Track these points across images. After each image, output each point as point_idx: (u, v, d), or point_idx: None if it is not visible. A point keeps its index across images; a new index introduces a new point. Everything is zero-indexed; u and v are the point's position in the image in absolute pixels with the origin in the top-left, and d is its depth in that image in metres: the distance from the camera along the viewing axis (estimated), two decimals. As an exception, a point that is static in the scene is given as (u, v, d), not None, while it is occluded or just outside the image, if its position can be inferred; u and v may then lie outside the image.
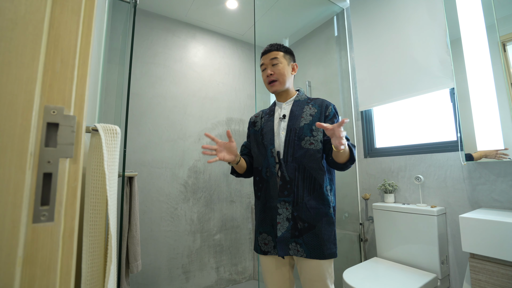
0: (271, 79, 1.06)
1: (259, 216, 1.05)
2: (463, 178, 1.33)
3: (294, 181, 0.97)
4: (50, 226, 0.34)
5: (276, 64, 1.05)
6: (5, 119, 0.32)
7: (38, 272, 0.33)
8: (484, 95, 1.21)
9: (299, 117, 1.03)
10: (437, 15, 1.43)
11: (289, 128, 1.02)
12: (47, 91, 0.36)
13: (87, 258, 0.44)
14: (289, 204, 0.97)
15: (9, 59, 0.33)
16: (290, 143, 1.00)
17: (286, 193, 0.97)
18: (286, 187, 0.97)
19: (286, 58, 1.08)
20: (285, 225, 0.96)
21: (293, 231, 0.96)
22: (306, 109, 1.05)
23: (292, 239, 0.95)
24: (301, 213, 0.95)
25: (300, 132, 1.00)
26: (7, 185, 0.31)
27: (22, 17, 0.34)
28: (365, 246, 1.76)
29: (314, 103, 1.06)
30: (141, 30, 1.99)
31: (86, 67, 0.40)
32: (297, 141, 0.99)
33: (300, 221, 0.95)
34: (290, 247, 0.95)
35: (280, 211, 0.97)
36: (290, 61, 1.10)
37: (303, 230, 0.95)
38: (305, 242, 0.94)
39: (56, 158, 0.35)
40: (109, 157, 0.47)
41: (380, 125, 1.84)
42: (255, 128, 1.14)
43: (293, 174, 0.98)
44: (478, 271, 0.99)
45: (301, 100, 1.08)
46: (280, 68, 1.05)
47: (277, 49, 1.07)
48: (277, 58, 1.06)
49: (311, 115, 1.03)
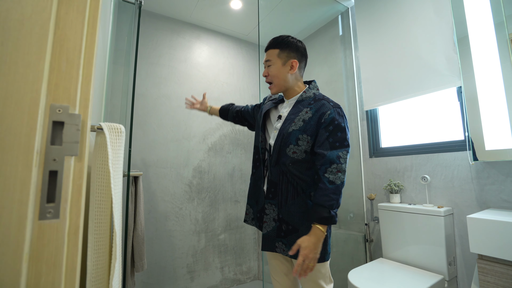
0: (267, 81, 1.04)
1: (249, 189, 1.11)
2: (471, 178, 1.31)
3: (278, 185, 0.98)
4: (56, 223, 0.34)
5: (270, 66, 1.01)
6: (12, 118, 0.33)
7: (44, 269, 0.33)
8: (492, 94, 1.18)
9: (292, 122, 0.97)
10: (444, 13, 1.41)
11: (280, 131, 0.99)
12: (53, 90, 0.36)
13: (93, 255, 0.45)
14: (275, 206, 0.98)
15: (16, 58, 0.33)
16: (276, 147, 0.99)
17: (271, 196, 0.99)
18: (271, 190, 0.99)
19: (281, 57, 0.99)
20: (271, 225, 0.98)
21: (279, 232, 0.97)
22: (302, 112, 0.97)
23: (278, 239, 0.97)
24: (285, 216, 0.96)
25: (287, 138, 0.96)
26: (14, 182, 0.32)
27: (29, 17, 0.35)
28: (370, 246, 1.74)
29: (314, 105, 0.97)
30: (146, 31, 2.01)
31: (91, 66, 0.40)
32: (282, 147, 0.97)
33: (284, 223, 0.96)
34: (277, 245, 0.97)
35: (268, 212, 0.99)
36: (288, 58, 0.99)
37: (288, 231, 0.95)
38: (289, 243, 0.94)
39: (62, 156, 0.36)
40: (113, 155, 0.47)
41: (386, 125, 1.82)
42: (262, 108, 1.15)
43: (277, 178, 0.98)
44: (487, 273, 0.98)
45: (305, 100, 1.01)
46: (273, 70, 1.00)
47: (274, 46, 1.01)
48: (271, 60, 1.01)
49: (303, 120, 0.95)
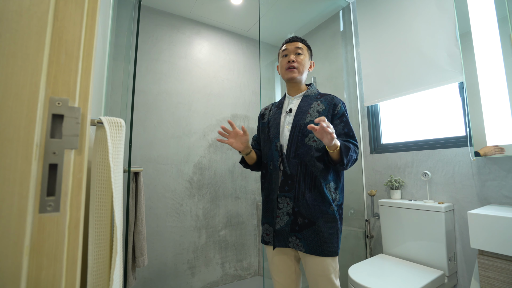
0: (292, 65, 1.06)
1: (263, 207, 1.08)
2: (472, 174, 1.31)
3: (295, 177, 0.97)
4: (56, 216, 0.34)
5: (300, 54, 1.08)
6: (11, 110, 0.32)
7: (45, 262, 0.33)
8: (495, 89, 1.18)
9: (306, 113, 1.02)
10: (446, 7, 1.40)
11: (294, 123, 1.02)
12: (52, 83, 0.36)
13: (93, 249, 0.45)
14: (290, 199, 0.97)
15: (14, 50, 0.33)
16: (293, 139, 1.00)
17: (287, 188, 0.98)
18: (287, 182, 0.98)
19: (308, 53, 1.11)
20: (285, 219, 0.98)
21: (293, 226, 0.96)
22: (314, 105, 1.04)
23: (292, 233, 0.96)
24: (301, 209, 0.96)
25: (305, 128, 1.00)
26: (14, 175, 0.32)
27: (27, 9, 0.34)
28: (371, 242, 1.75)
29: (323, 99, 1.05)
30: (146, 27, 2.00)
31: (90, 59, 0.40)
32: (300, 138, 0.99)
33: (300, 216, 0.96)
34: (290, 240, 0.97)
35: (281, 206, 0.99)
36: (310, 58, 1.13)
37: (303, 225, 0.95)
38: (304, 238, 0.94)
39: (62, 149, 0.36)
40: (114, 150, 0.47)
41: (387, 121, 1.81)
42: (263, 121, 1.16)
43: (295, 170, 0.98)
44: (487, 268, 0.98)
45: (311, 96, 1.08)
46: (302, 59, 1.08)
47: (302, 41, 1.11)
48: (302, 49, 1.09)
49: (318, 111, 1.01)
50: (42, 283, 0.33)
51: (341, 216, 0.99)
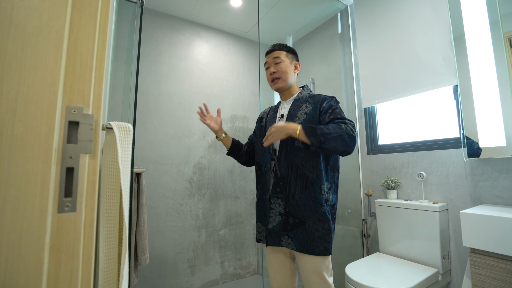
0: (274, 77, 1.11)
1: (257, 206, 1.13)
2: (466, 174, 1.34)
3: (286, 178, 1.01)
4: (73, 216, 0.37)
5: (279, 63, 1.10)
6: (32, 118, 0.35)
7: (63, 258, 0.36)
8: (487, 92, 1.21)
9: (294, 117, 1.06)
10: (441, 12, 1.43)
11: None
12: (68, 92, 0.39)
13: (104, 246, 0.47)
14: (282, 200, 1.02)
15: (35, 63, 0.36)
16: (283, 143, 1.04)
17: (278, 189, 1.03)
18: (279, 184, 1.03)
19: (288, 57, 1.12)
20: (277, 219, 1.02)
21: (285, 225, 1.00)
22: (302, 107, 1.07)
23: (284, 232, 1.00)
24: (292, 209, 0.99)
25: None
26: (36, 178, 0.34)
27: (46, 23, 0.37)
28: (367, 241, 1.78)
29: (312, 100, 1.07)
30: (147, 29, 2.02)
31: (102, 68, 0.43)
32: (290, 141, 1.03)
33: (291, 216, 0.99)
34: (282, 239, 1.01)
35: (273, 206, 1.03)
36: (293, 60, 1.14)
37: (294, 225, 0.98)
38: (295, 237, 0.98)
39: (77, 153, 0.38)
40: (122, 153, 0.50)
41: (383, 122, 1.85)
42: (261, 124, 1.20)
43: (286, 172, 1.02)
44: (478, 266, 1.01)
45: (301, 99, 1.11)
46: (283, 66, 1.10)
47: (280, 48, 1.13)
48: (279, 57, 1.11)
49: (305, 113, 1.04)
50: (61, 277, 0.35)
51: (333, 216, 1.01)
